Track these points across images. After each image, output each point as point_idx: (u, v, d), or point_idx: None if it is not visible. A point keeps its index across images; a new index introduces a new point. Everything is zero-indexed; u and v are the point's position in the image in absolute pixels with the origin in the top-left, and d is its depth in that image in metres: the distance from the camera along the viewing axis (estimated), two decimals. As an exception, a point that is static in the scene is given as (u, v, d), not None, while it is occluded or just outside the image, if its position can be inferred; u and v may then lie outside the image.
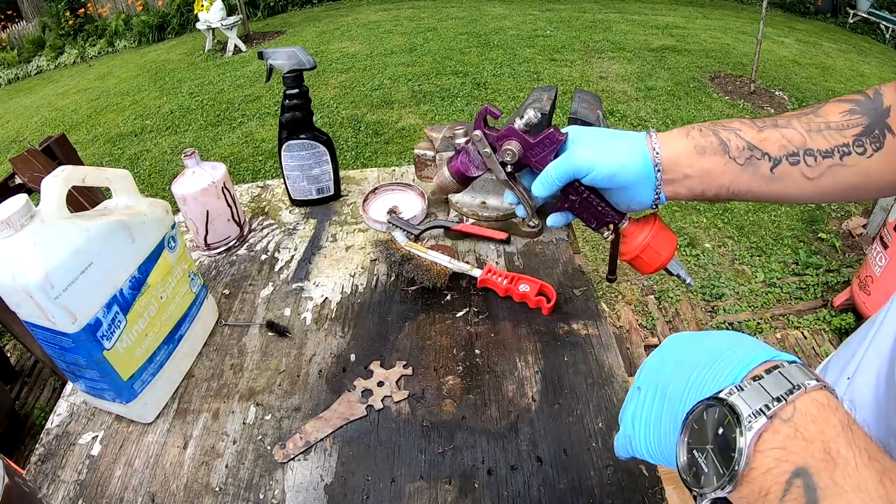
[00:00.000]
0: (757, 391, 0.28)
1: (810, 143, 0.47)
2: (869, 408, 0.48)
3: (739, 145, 0.47)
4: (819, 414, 0.27)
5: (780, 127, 0.48)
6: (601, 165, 0.48)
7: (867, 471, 0.25)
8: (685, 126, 0.51)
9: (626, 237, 0.53)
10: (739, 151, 0.47)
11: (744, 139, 0.48)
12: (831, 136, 0.47)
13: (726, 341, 0.34)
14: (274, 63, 0.90)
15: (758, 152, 0.47)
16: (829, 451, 0.26)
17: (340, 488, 0.57)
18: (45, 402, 1.92)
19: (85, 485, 0.59)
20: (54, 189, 0.54)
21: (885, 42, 6.22)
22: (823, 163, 0.47)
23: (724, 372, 0.31)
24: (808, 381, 0.28)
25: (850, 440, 0.26)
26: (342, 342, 0.74)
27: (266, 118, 4.17)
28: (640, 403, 0.37)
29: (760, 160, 0.47)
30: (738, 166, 0.47)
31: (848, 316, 2.01)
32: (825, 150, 0.47)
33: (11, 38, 8.36)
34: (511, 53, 5.10)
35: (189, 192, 0.84)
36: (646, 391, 0.37)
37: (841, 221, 2.60)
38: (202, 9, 5.83)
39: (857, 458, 0.25)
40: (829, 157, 0.47)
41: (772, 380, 0.29)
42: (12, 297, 0.52)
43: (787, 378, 0.28)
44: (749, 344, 0.33)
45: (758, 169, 0.47)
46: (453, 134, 0.82)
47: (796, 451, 0.26)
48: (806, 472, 0.26)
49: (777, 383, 0.28)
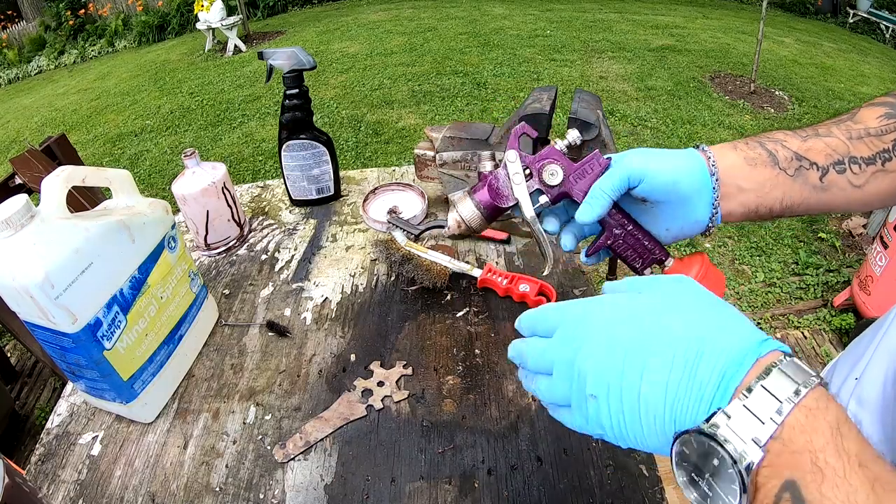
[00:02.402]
0: (746, 420, 0.27)
1: (853, 151, 0.46)
2: (876, 406, 0.48)
3: (787, 156, 0.46)
4: (807, 422, 0.26)
5: (823, 136, 0.47)
6: (657, 171, 0.45)
7: (857, 479, 0.24)
8: (728, 142, 0.48)
9: None
10: (788, 162, 0.46)
11: (790, 149, 0.46)
12: (872, 143, 0.46)
13: (694, 330, 0.30)
14: (274, 63, 0.90)
15: (806, 162, 0.46)
16: (816, 461, 0.25)
17: (340, 488, 0.57)
18: (45, 402, 1.92)
19: (85, 485, 0.59)
20: (54, 189, 0.54)
21: (886, 42, 6.22)
22: (868, 170, 0.46)
23: (706, 386, 0.28)
24: (799, 389, 0.27)
25: (840, 447, 0.25)
26: (342, 342, 0.74)
27: (266, 118, 4.17)
28: (603, 414, 0.32)
29: (809, 170, 0.46)
30: (789, 177, 0.46)
31: (848, 316, 2.01)
32: (868, 157, 0.46)
33: (11, 38, 8.36)
34: (511, 53, 5.10)
35: (189, 192, 0.84)
36: (605, 399, 0.32)
37: (841, 221, 2.60)
38: (202, 9, 5.83)
39: (847, 466, 0.24)
40: (872, 164, 0.46)
41: (760, 399, 0.27)
42: (12, 297, 0.52)
43: (775, 395, 0.27)
44: (723, 334, 0.30)
45: (808, 179, 0.46)
46: (479, 158, 0.62)
47: (784, 464, 0.26)
48: (794, 485, 0.25)
49: (766, 402, 0.27)
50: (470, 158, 0.87)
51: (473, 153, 0.86)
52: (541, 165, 0.46)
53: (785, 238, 2.49)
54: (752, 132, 3.71)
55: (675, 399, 0.29)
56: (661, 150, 0.47)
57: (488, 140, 0.85)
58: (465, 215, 0.50)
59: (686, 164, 0.45)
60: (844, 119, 0.49)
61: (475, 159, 0.87)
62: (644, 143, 3.36)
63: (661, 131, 3.52)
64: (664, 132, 3.50)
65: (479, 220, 0.49)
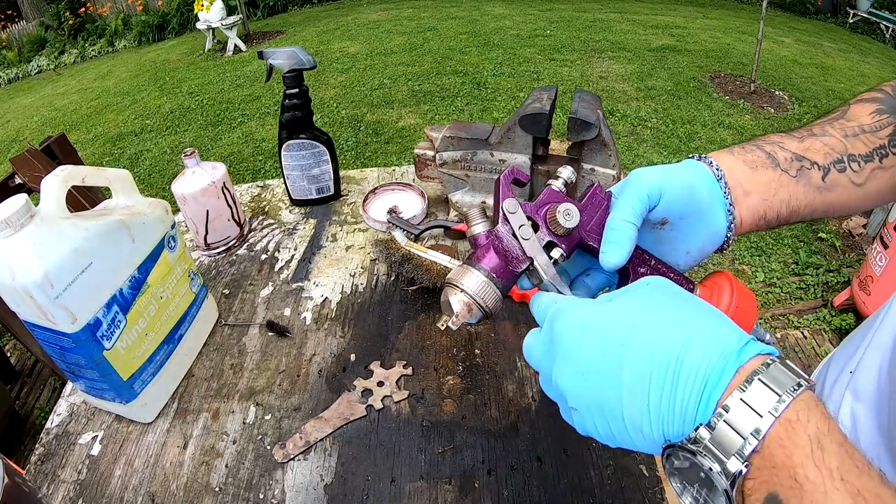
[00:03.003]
0: (728, 435, 0.26)
1: (851, 149, 0.45)
2: (870, 400, 0.48)
3: (787, 157, 0.44)
4: (787, 436, 0.25)
5: (818, 136, 0.46)
6: (672, 182, 0.40)
7: (839, 494, 0.23)
8: (723, 149, 0.45)
9: None
10: (789, 163, 0.44)
11: (789, 150, 0.45)
12: (868, 140, 0.46)
13: (670, 339, 0.29)
14: (274, 63, 0.90)
15: (807, 162, 0.44)
16: (796, 476, 0.24)
17: (340, 488, 0.57)
18: (45, 402, 1.92)
19: (85, 485, 0.59)
20: (54, 189, 0.54)
21: (886, 42, 6.22)
22: (866, 167, 0.45)
23: (687, 403, 0.28)
24: (782, 398, 0.26)
25: (820, 462, 0.24)
26: (342, 342, 0.74)
27: (266, 118, 4.17)
28: (588, 424, 0.32)
29: (811, 169, 0.44)
30: (791, 178, 0.43)
31: (848, 316, 2.01)
32: (866, 154, 0.45)
33: (11, 37, 8.36)
34: (511, 53, 5.10)
35: (189, 192, 0.84)
36: (588, 414, 0.31)
37: (841, 221, 2.60)
38: (202, 8, 5.83)
39: (827, 481, 0.24)
40: (870, 161, 0.45)
41: (741, 413, 0.26)
42: (12, 297, 0.52)
43: (756, 410, 0.26)
44: (702, 341, 0.28)
45: (810, 179, 0.44)
46: (469, 222, 0.42)
47: (766, 478, 0.25)
48: (776, 498, 0.25)
49: (747, 417, 0.26)
50: (470, 158, 0.87)
51: (473, 153, 0.86)
52: (545, 211, 0.38)
53: (785, 238, 2.49)
54: (752, 132, 3.71)
55: (659, 417, 0.28)
56: (661, 166, 0.42)
57: (488, 140, 0.85)
58: (475, 290, 0.37)
59: (693, 172, 0.42)
60: (836, 117, 0.48)
61: (475, 166, 0.87)
62: (644, 143, 3.36)
63: (661, 131, 3.52)
64: (664, 132, 3.50)
65: (494, 296, 0.38)
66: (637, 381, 0.29)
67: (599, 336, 0.31)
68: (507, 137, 0.83)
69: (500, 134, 0.84)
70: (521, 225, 0.38)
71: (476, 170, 0.88)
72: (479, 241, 0.39)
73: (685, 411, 0.28)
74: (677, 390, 0.28)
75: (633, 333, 0.30)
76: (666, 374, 0.28)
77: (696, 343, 0.28)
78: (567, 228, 0.37)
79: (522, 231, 0.38)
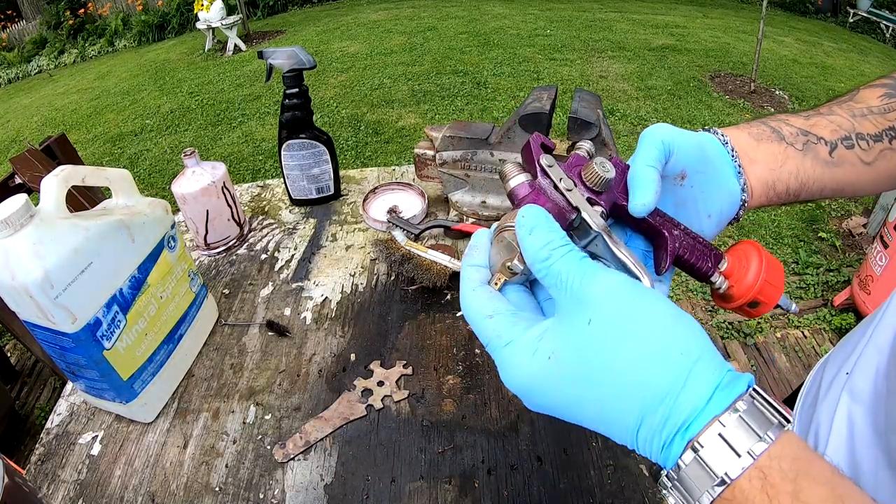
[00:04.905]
0: (699, 476, 0.26)
1: (859, 128, 0.45)
2: (868, 401, 0.48)
3: (792, 132, 0.44)
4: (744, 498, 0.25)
5: (825, 115, 0.46)
6: (682, 135, 0.40)
7: None
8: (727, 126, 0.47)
9: (732, 278, 0.41)
10: (794, 137, 0.44)
11: (794, 126, 0.45)
12: (876, 121, 0.45)
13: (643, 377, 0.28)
14: (274, 62, 0.89)
15: (813, 137, 0.44)
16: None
17: (340, 488, 0.57)
18: (45, 402, 1.92)
19: (85, 484, 0.59)
20: (54, 189, 0.54)
21: (886, 41, 6.22)
22: (875, 147, 0.45)
23: (655, 453, 0.28)
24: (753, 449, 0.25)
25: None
26: (342, 342, 0.74)
27: (266, 118, 4.17)
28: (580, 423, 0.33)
29: (817, 144, 0.44)
30: (798, 151, 0.43)
31: (848, 315, 2.01)
32: (875, 134, 0.45)
33: (11, 37, 8.36)
34: (511, 53, 5.10)
35: (189, 192, 0.84)
36: (577, 421, 0.32)
37: (841, 221, 2.60)
38: (202, 8, 5.83)
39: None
40: (879, 142, 0.45)
41: (695, 473, 0.26)
42: (12, 297, 0.52)
43: (726, 458, 0.26)
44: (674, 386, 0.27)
45: (818, 154, 0.44)
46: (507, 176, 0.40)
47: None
48: None
49: (701, 478, 0.26)
50: (470, 158, 0.87)
51: (473, 153, 0.86)
52: (579, 170, 0.37)
53: (785, 238, 2.49)
54: (753, 132, 3.71)
55: (640, 447, 0.29)
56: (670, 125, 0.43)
57: (488, 139, 0.85)
58: None
59: (699, 134, 0.42)
60: (845, 99, 0.48)
61: (475, 165, 0.86)
62: (644, 143, 3.35)
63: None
64: (664, 132, 3.50)
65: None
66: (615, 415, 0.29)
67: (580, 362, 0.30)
68: (507, 137, 0.83)
69: (500, 134, 0.84)
70: (562, 178, 0.36)
71: (476, 169, 0.88)
72: (520, 192, 0.37)
73: (657, 454, 0.28)
74: (645, 442, 0.28)
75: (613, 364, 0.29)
76: (632, 423, 0.28)
77: (648, 421, 0.28)
78: (606, 179, 0.36)
79: (564, 183, 0.36)
